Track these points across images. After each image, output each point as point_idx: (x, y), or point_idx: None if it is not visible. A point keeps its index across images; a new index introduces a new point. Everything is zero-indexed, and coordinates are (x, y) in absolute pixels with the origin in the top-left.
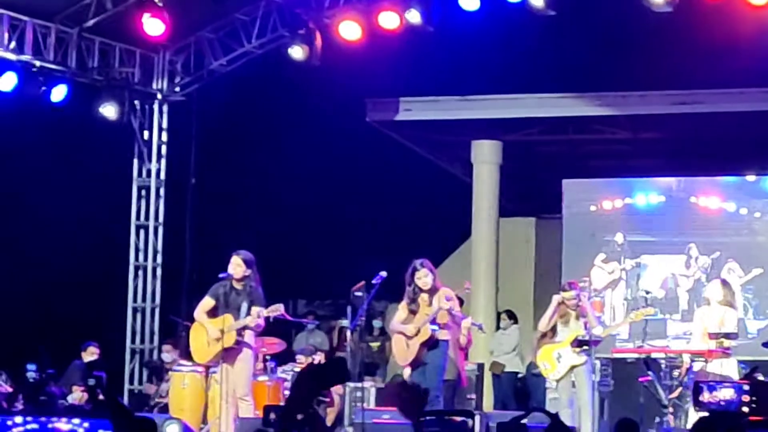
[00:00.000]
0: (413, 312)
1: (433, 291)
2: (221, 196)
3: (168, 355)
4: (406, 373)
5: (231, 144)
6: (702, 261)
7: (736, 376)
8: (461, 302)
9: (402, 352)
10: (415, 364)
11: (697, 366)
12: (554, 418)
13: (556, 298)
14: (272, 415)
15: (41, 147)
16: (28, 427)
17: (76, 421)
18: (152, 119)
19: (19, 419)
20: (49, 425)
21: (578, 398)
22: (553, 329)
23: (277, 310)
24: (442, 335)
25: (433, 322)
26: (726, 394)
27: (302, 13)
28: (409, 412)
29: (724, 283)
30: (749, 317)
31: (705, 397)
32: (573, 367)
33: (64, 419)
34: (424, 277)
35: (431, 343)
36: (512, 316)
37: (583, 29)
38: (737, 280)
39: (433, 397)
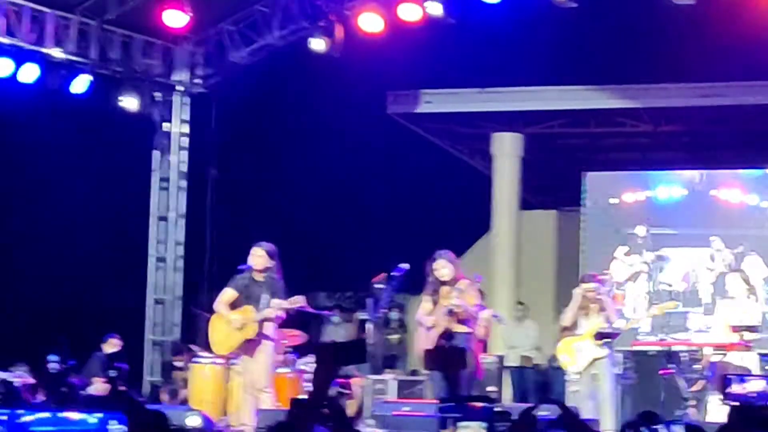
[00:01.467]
0: (436, 303)
1: (453, 283)
2: (242, 188)
3: (180, 363)
4: (413, 361)
5: (252, 136)
6: (725, 255)
7: (756, 369)
8: (482, 295)
9: (421, 344)
10: None
11: (717, 359)
12: (565, 409)
13: (577, 292)
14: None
15: (62, 139)
16: (39, 416)
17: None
18: (173, 111)
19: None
20: (59, 414)
21: (599, 391)
22: (575, 322)
23: (298, 302)
24: (462, 328)
25: (450, 313)
26: (756, 386)
27: (323, 4)
28: (449, 370)
29: (744, 274)
30: None
31: (735, 389)
32: (594, 360)
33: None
34: (441, 269)
35: (447, 335)
36: (526, 307)
37: (604, 21)
38: (758, 273)
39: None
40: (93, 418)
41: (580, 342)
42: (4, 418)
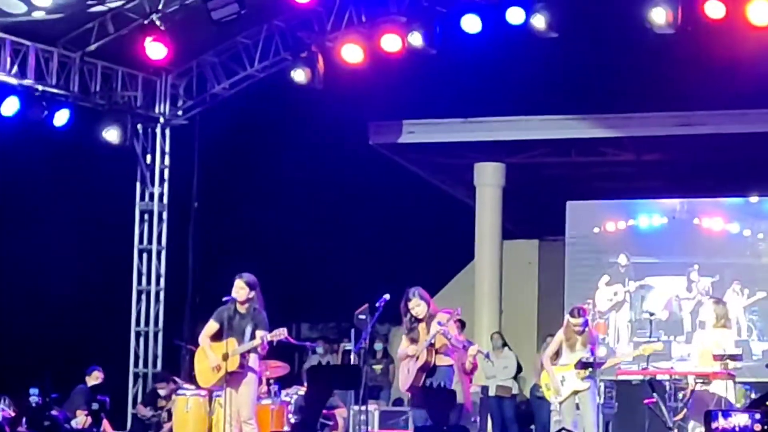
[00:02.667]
0: (414, 341)
1: (429, 318)
2: (224, 220)
3: (163, 391)
4: (395, 392)
5: (234, 167)
6: (703, 283)
7: (739, 398)
8: (463, 325)
9: (403, 378)
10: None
11: (700, 388)
12: None
13: (559, 335)
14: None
15: (44, 171)
16: None
17: None
18: (155, 143)
19: None
20: None
21: (582, 421)
22: (557, 352)
23: (281, 334)
24: (444, 361)
25: (431, 346)
26: (740, 420)
27: (304, 36)
28: (437, 414)
29: (718, 303)
30: (753, 339)
31: (720, 423)
32: (576, 392)
33: None
34: (416, 306)
35: (428, 369)
36: (503, 338)
37: (585, 51)
38: (741, 301)
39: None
40: None
41: (564, 372)
42: None
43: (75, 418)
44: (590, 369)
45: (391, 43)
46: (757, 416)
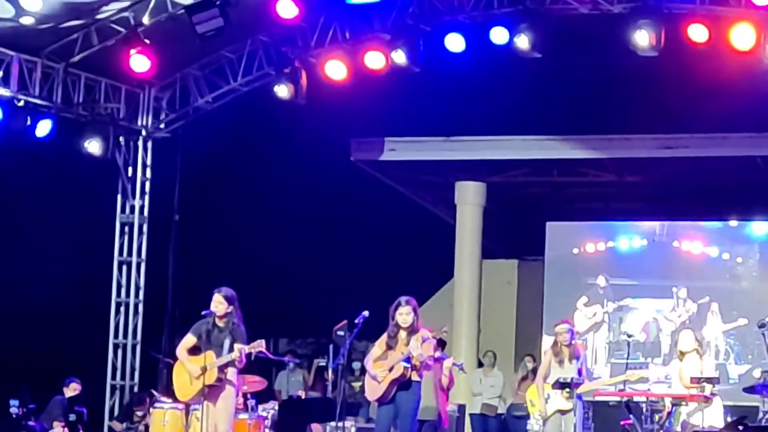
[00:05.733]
0: (390, 347)
1: (413, 331)
2: (204, 233)
3: (141, 412)
4: (374, 408)
5: (215, 181)
6: (689, 305)
7: (721, 422)
8: (443, 344)
9: (372, 388)
10: (383, 400)
11: (683, 410)
12: None
13: (546, 352)
14: None
15: (25, 182)
16: None
17: None
18: (137, 155)
19: None
20: None
21: None
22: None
23: (259, 346)
24: (415, 377)
25: (408, 360)
26: None
27: (288, 51)
28: None
29: (694, 332)
30: (731, 362)
31: None
32: (557, 411)
33: None
34: (405, 314)
35: (402, 382)
36: (495, 357)
37: (568, 72)
38: (719, 325)
39: None
40: None
41: (549, 390)
42: None
43: (52, 430)
44: (568, 389)
45: (374, 60)
46: None
